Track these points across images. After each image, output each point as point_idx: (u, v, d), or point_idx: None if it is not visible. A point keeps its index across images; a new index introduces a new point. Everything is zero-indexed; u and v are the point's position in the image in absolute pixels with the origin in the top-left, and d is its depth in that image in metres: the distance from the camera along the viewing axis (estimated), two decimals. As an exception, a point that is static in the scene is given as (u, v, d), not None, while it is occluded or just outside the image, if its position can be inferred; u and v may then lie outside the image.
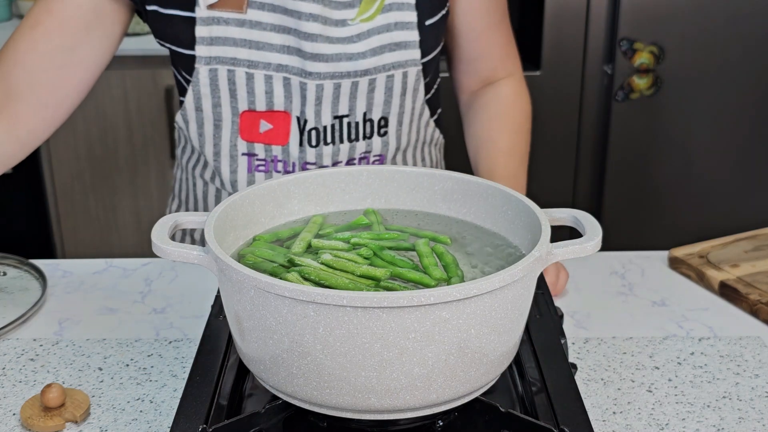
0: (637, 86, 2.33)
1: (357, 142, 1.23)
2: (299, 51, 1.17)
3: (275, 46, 1.17)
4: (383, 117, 1.24)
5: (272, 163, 1.23)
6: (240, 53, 1.17)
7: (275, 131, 1.22)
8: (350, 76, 1.19)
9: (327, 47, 1.17)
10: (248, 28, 1.17)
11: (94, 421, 0.94)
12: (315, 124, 1.20)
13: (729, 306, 1.18)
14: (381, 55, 1.19)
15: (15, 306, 1.16)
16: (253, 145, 1.23)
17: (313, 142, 1.21)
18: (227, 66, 1.17)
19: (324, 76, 1.18)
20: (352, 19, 1.18)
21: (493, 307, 0.76)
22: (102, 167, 2.55)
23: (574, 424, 0.81)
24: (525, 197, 0.90)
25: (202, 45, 1.17)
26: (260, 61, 1.17)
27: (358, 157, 1.24)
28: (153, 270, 1.27)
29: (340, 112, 1.21)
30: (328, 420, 0.83)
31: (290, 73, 1.18)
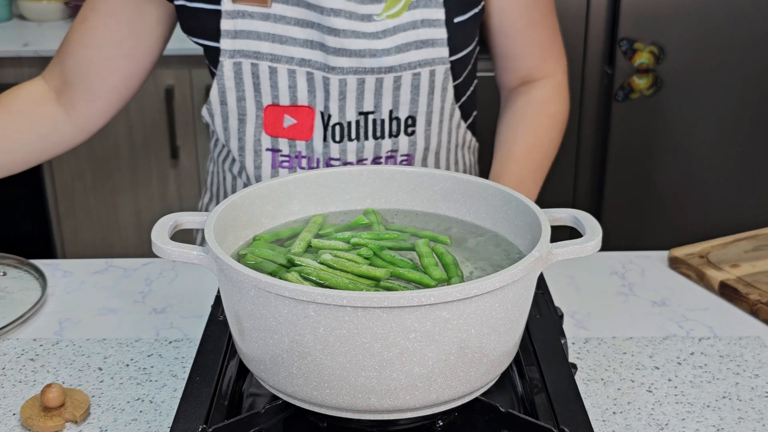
0: (637, 86, 2.33)
1: (383, 139, 1.22)
2: (322, 45, 1.17)
3: (298, 40, 1.17)
4: (410, 116, 1.23)
5: (296, 159, 1.23)
6: (263, 47, 1.17)
7: (299, 126, 1.21)
8: (374, 72, 1.18)
9: (351, 42, 1.16)
10: (272, 21, 1.17)
11: (94, 421, 0.94)
12: (339, 120, 1.20)
13: (729, 306, 1.18)
14: (407, 53, 1.18)
15: (15, 306, 1.16)
16: (277, 141, 1.22)
17: (337, 138, 1.21)
18: (251, 59, 1.18)
19: (347, 71, 1.17)
20: (378, 15, 1.17)
21: (493, 307, 0.76)
22: (102, 167, 2.55)
23: (574, 424, 0.81)
24: (525, 197, 0.90)
25: (227, 38, 1.18)
26: (283, 55, 1.17)
27: (384, 155, 1.23)
28: (153, 270, 1.27)
29: (365, 109, 1.20)
30: (328, 420, 0.83)
31: (313, 68, 1.18)
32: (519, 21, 1.27)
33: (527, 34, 1.29)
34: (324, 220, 0.96)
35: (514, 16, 1.27)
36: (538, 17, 1.29)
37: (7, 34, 2.59)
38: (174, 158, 2.54)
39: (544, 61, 1.31)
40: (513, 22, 1.27)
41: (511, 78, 1.33)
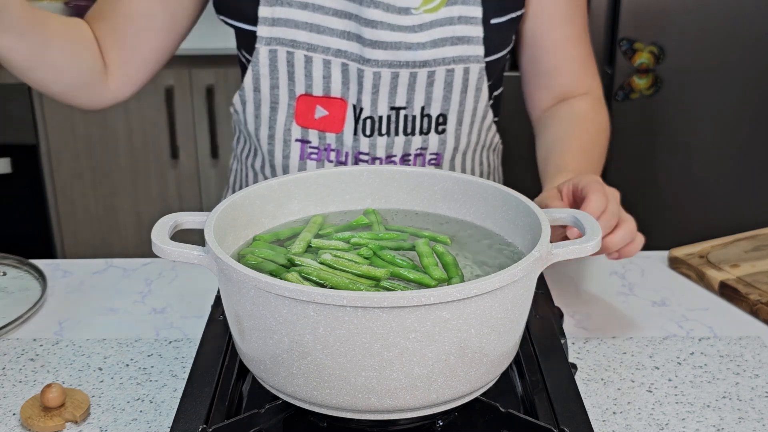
0: (637, 86, 2.33)
1: (413, 136, 1.22)
2: (359, 37, 1.17)
3: (336, 30, 1.17)
4: (442, 114, 1.22)
5: (325, 151, 1.23)
6: (300, 35, 1.17)
7: (330, 118, 1.21)
8: (408, 66, 1.18)
9: (387, 34, 1.16)
10: (310, 11, 1.17)
11: (94, 421, 0.94)
12: (371, 113, 1.20)
13: (729, 306, 1.18)
14: (442, 48, 1.18)
15: (15, 306, 1.16)
16: (308, 132, 1.22)
17: (368, 132, 1.21)
18: (287, 48, 1.18)
19: (382, 64, 1.17)
20: (416, 9, 1.17)
21: (493, 307, 0.76)
22: (102, 167, 2.55)
23: (574, 424, 0.81)
24: (525, 197, 0.90)
25: (264, 25, 1.18)
26: (319, 45, 1.18)
27: (413, 152, 1.23)
28: (153, 270, 1.27)
29: (398, 104, 1.20)
30: (328, 420, 0.83)
31: (348, 59, 1.18)
32: (559, 32, 1.26)
33: (564, 49, 1.28)
34: (324, 220, 0.96)
35: (551, 27, 1.26)
36: (576, 32, 1.28)
37: (7, 34, 2.59)
38: (174, 158, 2.54)
39: (582, 78, 1.30)
40: (549, 32, 1.26)
41: (547, 96, 1.31)
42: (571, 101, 1.30)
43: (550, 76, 1.30)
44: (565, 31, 1.27)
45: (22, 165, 2.53)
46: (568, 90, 1.30)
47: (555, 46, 1.27)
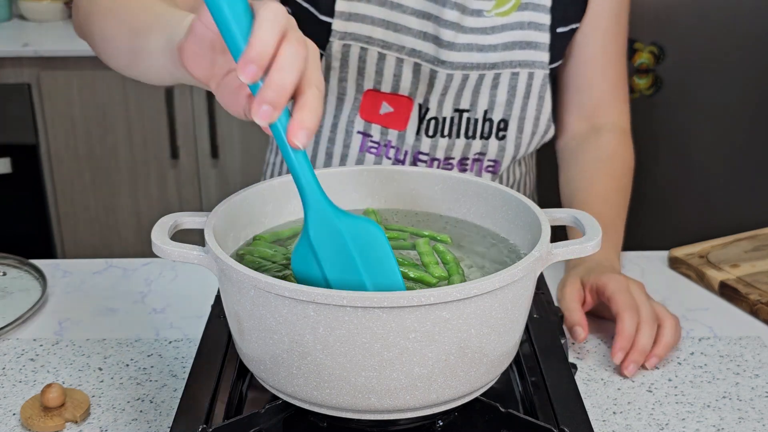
0: (637, 86, 2.33)
1: (473, 140, 1.22)
2: (436, 38, 1.17)
3: (413, 30, 1.17)
4: (503, 119, 1.23)
5: (385, 147, 1.23)
6: (376, 32, 1.17)
7: (395, 115, 1.21)
8: (479, 68, 1.18)
9: (463, 36, 1.16)
10: (388, 8, 1.17)
11: (94, 421, 0.94)
12: (435, 114, 1.20)
13: (729, 306, 1.18)
14: (511, 51, 1.18)
15: (15, 306, 1.16)
16: (371, 126, 1.23)
17: (431, 132, 1.21)
18: (361, 44, 1.18)
19: (456, 66, 1.18)
20: (488, 11, 1.18)
21: (493, 307, 0.76)
22: (102, 167, 2.55)
23: (574, 424, 0.81)
24: (525, 197, 0.90)
25: (340, 20, 1.18)
26: (394, 43, 1.18)
27: (471, 156, 1.23)
28: (153, 270, 1.27)
29: (462, 106, 1.20)
30: (328, 420, 0.83)
31: (423, 60, 1.18)
32: (595, 46, 1.26)
33: (601, 63, 1.28)
34: None
35: (593, 39, 1.26)
36: (614, 52, 1.28)
37: (7, 34, 2.59)
38: (174, 158, 2.54)
39: (612, 100, 1.30)
40: (589, 44, 1.26)
41: (575, 115, 1.31)
42: (599, 136, 1.30)
43: (582, 91, 1.30)
44: (604, 47, 1.27)
45: (22, 165, 2.53)
46: (597, 110, 1.31)
47: (593, 59, 1.28)
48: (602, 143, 1.29)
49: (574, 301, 1.06)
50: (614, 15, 1.27)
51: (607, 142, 1.29)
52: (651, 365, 1.01)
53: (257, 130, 2.58)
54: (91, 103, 2.46)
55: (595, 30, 1.26)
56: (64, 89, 2.45)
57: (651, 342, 1.01)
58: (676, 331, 1.03)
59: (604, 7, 1.26)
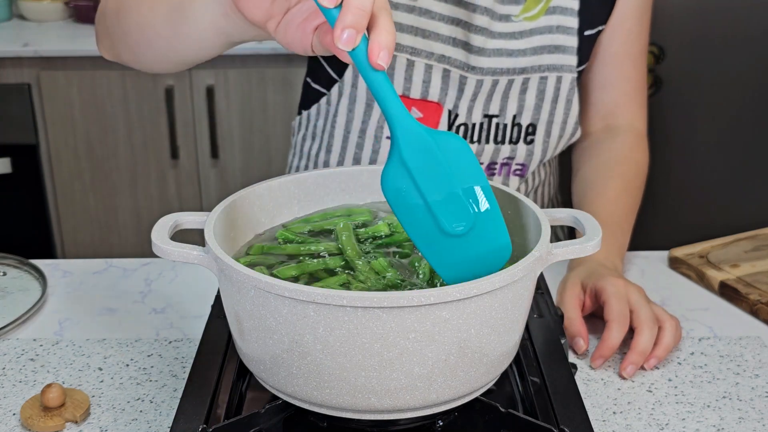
0: (637, 86, 2.33)
1: (503, 145, 1.22)
2: (466, 44, 1.16)
3: (441, 36, 1.17)
4: (532, 123, 1.23)
5: None
6: (404, 39, 1.17)
7: (424, 120, 1.21)
8: (508, 73, 1.18)
9: (492, 42, 1.16)
10: (417, 15, 1.17)
11: (94, 421, 0.94)
12: (465, 120, 1.20)
13: (729, 306, 1.18)
14: (540, 56, 1.18)
15: (15, 306, 1.16)
16: None
17: None
18: None
19: (486, 72, 1.17)
20: (516, 16, 1.17)
21: (493, 307, 0.76)
22: (102, 167, 2.55)
23: (574, 424, 0.81)
24: (525, 197, 0.90)
25: None
26: (423, 50, 1.17)
27: (500, 161, 1.23)
28: (153, 270, 1.27)
29: (491, 111, 1.20)
30: (328, 420, 0.83)
31: (452, 66, 1.18)
32: (617, 46, 1.26)
33: (622, 63, 1.27)
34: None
35: (614, 39, 1.26)
36: (637, 53, 1.28)
37: (7, 34, 2.59)
38: (174, 158, 2.54)
39: (629, 102, 1.29)
40: (611, 44, 1.26)
41: (594, 115, 1.31)
42: (614, 137, 1.30)
43: (602, 91, 1.30)
44: (626, 47, 1.27)
45: (22, 165, 2.53)
46: (614, 110, 1.30)
47: (613, 59, 1.27)
48: (617, 144, 1.29)
49: (575, 309, 1.06)
50: (638, 16, 1.27)
51: (622, 143, 1.29)
52: (650, 366, 1.02)
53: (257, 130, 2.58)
54: (91, 103, 2.46)
55: (620, 30, 1.26)
56: (64, 89, 2.45)
57: (651, 344, 1.01)
58: (676, 333, 1.03)
59: (630, 7, 1.26)
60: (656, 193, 2.44)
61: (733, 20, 2.28)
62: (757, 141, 2.40)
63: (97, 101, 2.46)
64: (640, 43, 1.28)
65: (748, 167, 2.42)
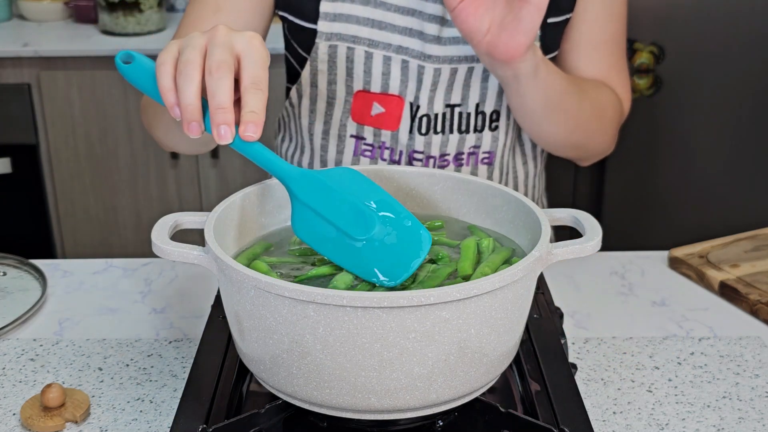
0: (637, 86, 2.33)
1: (467, 134, 1.22)
2: (421, 33, 1.17)
3: (398, 27, 1.18)
4: (495, 110, 1.22)
5: (379, 149, 1.23)
6: (362, 32, 1.18)
7: (387, 115, 1.21)
8: (467, 61, 1.18)
9: (446, 30, 1.16)
10: (372, 7, 1.17)
11: (94, 421, 0.94)
12: (427, 111, 1.20)
13: (729, 306, 1.18)
14: None
15: (15, 306, 1.16)
16: (363, 128, 1.23)
17: (423, 130, 1.21)
18: (347, 43, 1.18)
19: (442, 60, 1.17)
20: None
21: (493, 307, 0.76)
22: (102, 167, 2.55)
23: (574, 424, 0.81)
24: (525, 197, 0.90)
25: (325, 21, 1.18)
26: (381, 41, 1.18)
27: (467, 151, 1.23)
28: (153, 270, 1.27)
29: (453, 101, 1.20)
30: (328, 420, 0.83)
31: (410, 56, 1.18)
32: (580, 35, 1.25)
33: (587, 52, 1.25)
34: None
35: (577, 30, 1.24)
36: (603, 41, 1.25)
37: (7, 34, 2.59)
38: (174, 158, 2.53)
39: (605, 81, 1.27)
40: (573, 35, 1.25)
41: None
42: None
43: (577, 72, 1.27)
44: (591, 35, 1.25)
45: (22, 165, 2.53)
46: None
47: (578, 47, 1.26)
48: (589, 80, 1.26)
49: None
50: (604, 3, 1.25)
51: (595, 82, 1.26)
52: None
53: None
54: (91, 103, 2.46)
55: (583, 18, 1.24)
56: (64, 89, 2.45)
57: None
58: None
59: None
60: (656, 193, 2.44)
61: (733, 20, 2.28)
62: (757, 141, 2.40)
63: (97, 101, 2.46)
64: (609, 29, 1.26)
65: (748, 167, 2.42)
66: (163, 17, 2.56)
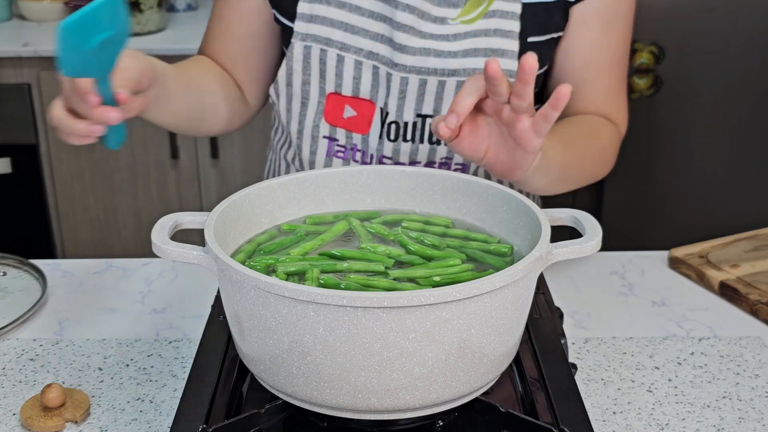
0: (637, 86, 2.33)
1: (438, 145, 1.21)
2: (390, 41, 1.17)
3: (369, 32, 1.18)
4: None
5: (351, 151, 1.23)
6: (335, 34, 1.18)
7: (358, 119, 1.22)
8: (437, 74, 1.17)
9: (417, 41, 1.16)
10: (347, 11, 1.18)
11: (94, 421, 0.94)
12: (396, 118, 1.20)
13: (729, 306, 1.18)
14: (474, 58, 1.16)
15: (15, 306, 1.16)
16: (336, 130, 1.23)
17: (392, 136, 1.21)
18: (321, 45, 1.19)
19: (410, 70, 1.17)
20: (453, 19, 1.17)
21: (493, 307, 0.76)
22: (102, 167, 2.55)
23: (574, 424, 0.81)
24: (525, 197, 0.90)
25: (302, 21, 1.19)
26: (352, 45, 1.18)
27: (438, 161, 1.22)
28: (153, 270, 1.27)
29: (424, 111, 1.19)
30: (328, 420, 0.83)
31: (380, 62, 1.18)
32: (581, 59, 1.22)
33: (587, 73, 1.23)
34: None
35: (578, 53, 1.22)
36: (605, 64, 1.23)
37: (7, 34, 2.59)
38: (174, 158, 2.54)
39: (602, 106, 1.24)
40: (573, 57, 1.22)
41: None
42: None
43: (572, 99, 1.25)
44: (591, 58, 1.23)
45: (22, 165, 2.53)
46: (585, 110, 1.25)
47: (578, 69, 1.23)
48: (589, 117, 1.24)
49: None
50: (604, 26, 1.23)
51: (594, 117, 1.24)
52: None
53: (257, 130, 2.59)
54: (91, 103, 2.46)
55: (580, 41, 1.22)
56: (64, 89, 2.44)
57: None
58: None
59: (592, 18, 1.22)
60: (656, 193, 2.44)
61: (733, 20, 2.28)
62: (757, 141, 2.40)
63: (97, 101, 2.46)
64: (609, 52, 1.24)
65: (748, 167, 2.42)
66: (163, 17, 2.56)
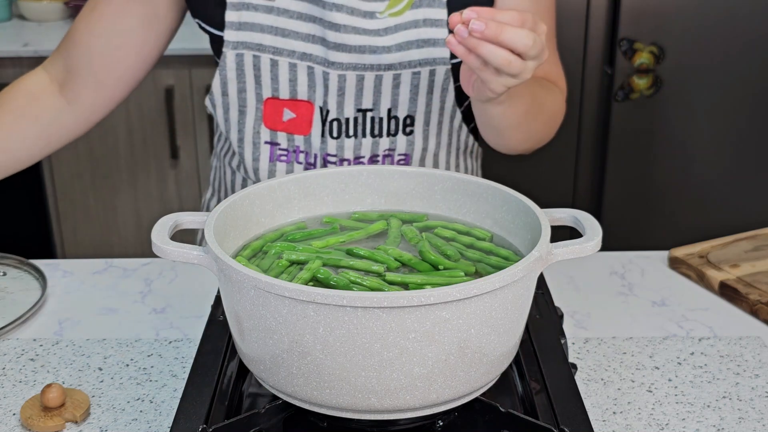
0: (637, 86, 2.33)
1: (380, 138, 1.22)
2: (323, 40, 1.17)
3: (301, 34, 1.18)
4: (409, 115, 1.22)
5: (294, 153, 1.23)
6: (266, 39, 1.18)
7: (298, 120, 1.22)
8: (373, 69, 1.18)
9: (352, 38, 1.16)
10: (275, 15, 1.18)
11: (94, 421, 0.94)
12: (337, 116, 1.20)
13: (729, 306, 1.18)
14: (407, 51, 1.17)
15: (15, 306, 1.16)
16: (276, 134, 1.23)
17: (335, 134, 1.21)
18: (253, 51, 1.19)
19: (346, 67, 1.17)
20: (381, 13, 1.17)
21: (493, 307, 0.76)
22: (102, 167, 2.55)
23: (574, 424, 0.81)
24: (525, 197, 0.90)
25: (231, 30, 1.19)
26: (285, 49, 1.18)
27: (381, 153, 1.23)
28: (153, 270, 1.27)
29: (364, 106, 1.20)
30: (328, 420, 0.83)
31: (314, 62, 1.18)
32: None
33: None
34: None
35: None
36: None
37: (7, 34, 2.59)
38: (174, 158, 2.54)
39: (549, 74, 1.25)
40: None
41: None
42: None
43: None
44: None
45: (22, 165, 2.53)
46: None
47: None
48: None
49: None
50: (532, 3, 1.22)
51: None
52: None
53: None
54: (91, 103, 2.46)
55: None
56: (64, 89, 2.44)
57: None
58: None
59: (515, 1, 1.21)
60: (656, 193, 2.44)
61: (733, 21, 2.28)
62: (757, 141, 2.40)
63: (97, 101, 2.46)
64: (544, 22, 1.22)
65: (748, 167, 2.42)
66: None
